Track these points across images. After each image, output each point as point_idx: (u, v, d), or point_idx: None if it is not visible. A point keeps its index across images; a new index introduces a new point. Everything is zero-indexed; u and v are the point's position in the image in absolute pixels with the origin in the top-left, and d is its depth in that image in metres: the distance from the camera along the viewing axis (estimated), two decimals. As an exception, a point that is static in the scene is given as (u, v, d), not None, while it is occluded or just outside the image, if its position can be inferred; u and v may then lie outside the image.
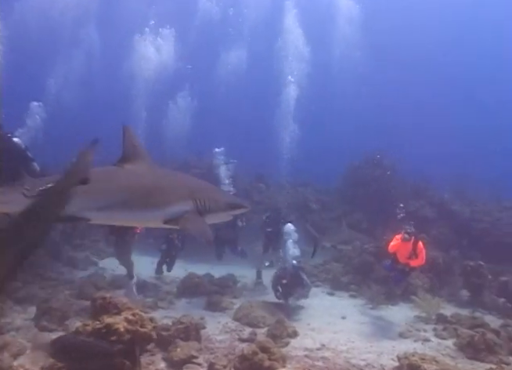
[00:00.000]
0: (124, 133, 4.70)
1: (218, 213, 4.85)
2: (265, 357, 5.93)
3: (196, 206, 4.57)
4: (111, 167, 4.67)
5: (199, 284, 10.67)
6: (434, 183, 19.83)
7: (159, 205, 4.45)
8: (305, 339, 7.89)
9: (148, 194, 4.46)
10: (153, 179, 4.70)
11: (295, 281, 9.75)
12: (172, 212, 4.47)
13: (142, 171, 4.64)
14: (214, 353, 6.92)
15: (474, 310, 10.36)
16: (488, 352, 7.36)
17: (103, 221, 4.91)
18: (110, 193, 4.39)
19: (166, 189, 4.62)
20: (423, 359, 5.97)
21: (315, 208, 17.59)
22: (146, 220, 4.89)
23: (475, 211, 16.65)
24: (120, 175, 4.59)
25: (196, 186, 4.93)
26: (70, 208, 3.87)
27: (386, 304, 10.70)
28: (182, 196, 4.59)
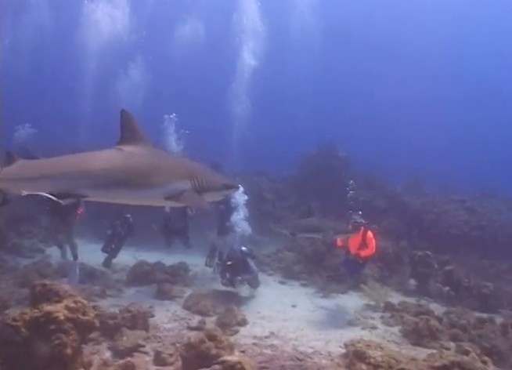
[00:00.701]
0: (122, 117, 4.94)
1: (212, 192, 5.22)
2: (211, 346, 5.85)
3: (193, 185, 4.94)
4: (111, 149, 4.95)
5: (149, 272, 10.48)
6: (388, 175, 20.26)
7: (161, 184, 4.80)
8: (255, 328, 7.88)
9: (150, 173, 4.80)
10: (154, 160, 5.03)
11: (241, 266, 9.69)
12: (172, 190, 4.84)
13: (143, 152, 4.94)
14: (162, 342, 6.80)
15: (420, 298, 10.63)
16: (431, 338, 7.59)
17: (102, 198, 5.01)
18: (110, 172, 4.67)
19: (166, 169, 4.96)
20: (368, 345, 6.05)
21: (269, 197, 17.61)
22: (148, 198, 5.07)
23: (425, 203, 17.13)
24: (121, 157, 4.87)
25: (193, 167, 5.24)
26: (66, 186, 4.46)
27: (336, 293, 10.85)
28: (181, 176, 4.95)
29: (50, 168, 4.82)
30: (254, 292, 10.29)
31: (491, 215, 16.89)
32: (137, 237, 12.50)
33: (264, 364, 6.11)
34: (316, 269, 12.03)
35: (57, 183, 4.55)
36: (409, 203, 16.99)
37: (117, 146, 4.94)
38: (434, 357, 5.76)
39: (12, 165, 4.78)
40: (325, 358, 6.57)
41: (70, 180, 4.56)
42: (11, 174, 4.71)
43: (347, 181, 15.17)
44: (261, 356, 6.43)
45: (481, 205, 17.72)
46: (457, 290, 11.01)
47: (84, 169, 4.66)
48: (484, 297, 10.52)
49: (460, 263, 12.89)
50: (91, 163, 4.78)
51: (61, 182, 4.54)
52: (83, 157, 5.13)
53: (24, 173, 4.68)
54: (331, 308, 9.69)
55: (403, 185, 19.61)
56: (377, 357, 5.70)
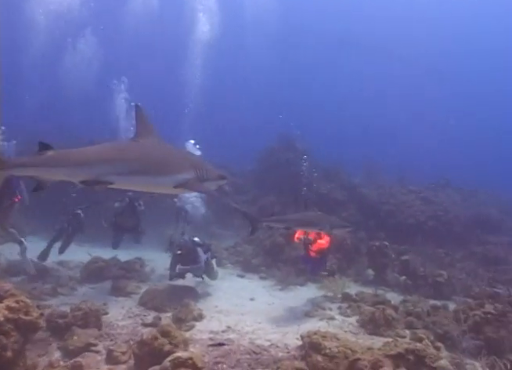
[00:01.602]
0: (137, 113, 5.47)
1: (210, 182, 5.75)
2: (165, 342, 5.69)
3: (196, 175, 5.48)
4: (129, 141, 5.52)
5: (104, 269, 10.21)
6: (348, 167, 20.42)
7: (171, 173, 5.35)
8: (211, 322, 7.77)
9: (162, 163, 5.35)
10: (164, 152, 5.53)
11: (192, 256, 9.45)
12: (180, 179, 5.36)
13: (154, 145, 5.43)
14: (115, 340, 6.60)
15: (378, 288, 10.73)
16: (387, 327, 7.65)
17: (124, 185, 5.54)
18: (131, 161, 5.19)
19: (175, 160, 5.53)
20: (324, 337, 6.02)
21: (227, 190, 17.46)
22: (159, 185, 5.63)
23: (382, 194, 17.36)
24: (138, 148, 5.35)
25: (195, 159, 5.83)
26: (93, 173, 4.87)
27: (295, 285, 10.84)
28: (187, 167, 5.47)
29: (80, 157, 5.09)
30: (210, 286, 10.14)
31: (446, 205, 17.27)
32: (92, 234, 12.19)
33: (219, 358, 6.00)
34: (275, 262, 12.00)
35: (86, 170, 4.92)
36: (366, 194, 17.18)
37: (134, 139, 5.45)
38: (389, 346, 5.79)
39: (44, 154, 4.94)
40: (281, 351, 6.52)
41: (98, 168, 4.94)
42: (43, 162, 4.92)
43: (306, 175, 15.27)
44: (216, 351, 6.32)
45: (436, 196, 18.10)
46: (413, 279, 11.17)
47: (110, 158, 5.12)
48: (439, 285, 10.71)
49: (417, 253, 13.11)
50: (116, 153, 5.30)
51: (90, 170, 4.92)
52: (108, 147, 5.48)
53: (55, 162, 4.91)
54: (289, 300, 9.65)
55: (361, 176, 19.83)
56: (333, 348, 5.68)
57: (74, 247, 12.21)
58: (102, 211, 10.86)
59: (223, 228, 16.09)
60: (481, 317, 7.37)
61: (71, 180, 5.04)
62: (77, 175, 4.98)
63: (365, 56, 46.75)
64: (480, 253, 14.13)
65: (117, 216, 10.43)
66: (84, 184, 4.94)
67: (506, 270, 12.74)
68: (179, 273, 9.41)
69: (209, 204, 16.79)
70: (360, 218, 15.48)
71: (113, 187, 5.15)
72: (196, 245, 9.60)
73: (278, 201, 15.74)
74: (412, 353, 5.50)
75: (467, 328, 7.27)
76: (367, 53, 46.62)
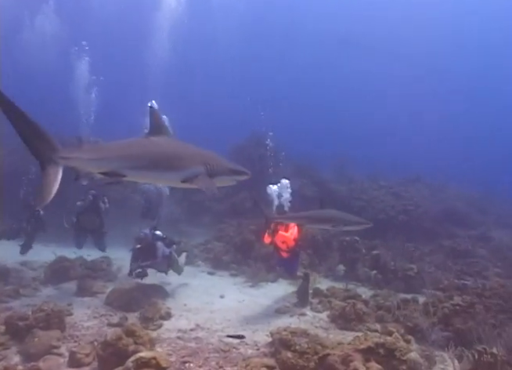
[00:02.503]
0: (150, 113, 5.80)
1: (223, 177, 5.79)
2: (130, 342, 5.52)
3: (206, 170, 5.53)
4: (142, 138, 5.77)
5: (69, 269, 9.91)
6: (317, 163, 20.41)
7: (179, 168, 5.47)
8: (180, 320, 7.61)
9: (170, 159, 5.53)
10: (174, 148, 5.76)
11: (150, 250, 9.07)
12: (188, 174, 5.45)
13: (165, 142, 5.71)
14: (79, 341, 6.39)
15: (349, 283, 10.70)
16: (358, 321, 7.63)
17: (136, 178, 6.14)
18: (142, 156, 5.46)
19: (184, 156, 5.64)
20: (293, 333, 5.95)
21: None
22: (168, 179, 5.99)
23: (353, 189, 17.41)
24: (149, 144, 5.62)
25: (206, 154, 5.83)
26: (111, 166, 5.23)
27: (266, 281, 10.74)
28: (196, 162, 5.56)
29: (107, 150, 5.64)
30: (180, 284, 9.96)
31: (416, 200, 17.43)
32: (59, 233, 11.82)
33: (186, 357, 5.85)
34: (245, 259, 11.87)
35: (110, 163, 5.32)
36: (337, 190, 17.21)
37: (147, 137, 5.74)
38: (359, 340, 5.74)
39: (81, 148, 5.65)
40: (251, 348, 6.41)
41: (118, 162, 5.33)
42: (81, 155, 5.38)
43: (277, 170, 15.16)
44: (184, 349, 6.17)
45: (406, 191, 18.26)
46: (384, 273, 11.21)
47: (127, 153, 5.49)
48: (409, 279, 10.76)
49: (387, 247, 13.14)
50: (132, 149, 5.65)
51: (112, 163, 5.32)
52: (123, 143, 5.81)
53: (90, 155, 5.41)
54: (260, 297, 9.56)
55: (332, 172, 19.85)
56: (303, 344, 5.60)
57: (39, 247, 11.88)
58: (64, 210, 10.42)
59: (193, 226, 15.89)
60: (449, 309, 7.43)
61: (96, 171, 5.50)
62: (101, 167, 5.41)
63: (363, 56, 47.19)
64: (448, 247, 14.26)
65: (79, 216, 9.99)
66: (104, 175, 5.43)
67: (474, 262, 12.91)
68: (139, 269, 8.95)
69: (180, 201, 16.64)
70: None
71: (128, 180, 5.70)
72: (157, 239, 9.27)
73: (248, 198, 15.60)
74: (382, 347, 5.47)
75: (437, 320, 7.29)
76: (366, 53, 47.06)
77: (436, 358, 6.32)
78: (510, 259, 13.50)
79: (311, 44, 47.54)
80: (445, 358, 6.38)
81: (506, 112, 50.86)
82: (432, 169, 24.98)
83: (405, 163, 27.06)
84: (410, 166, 24.76)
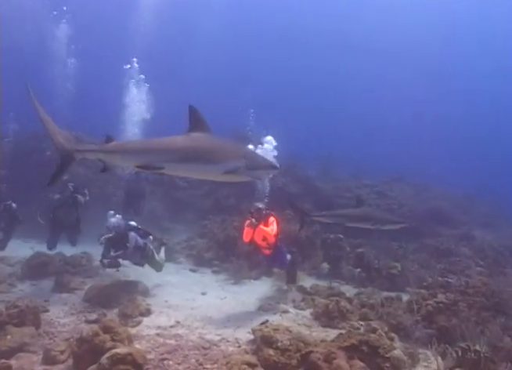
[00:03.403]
0: (190, 111, 6.31)
1: (260, 170, 6.47)
2: (107, 338, 5.33)
3: (245, 163, 6.11)
4: (182, 135, 6.33)
5: (47, 264, 9.64)
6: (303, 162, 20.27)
7: (220, 161, 6.04)
8: (160, 317, 7.43)
9: (211, 152, 6.10)
10: (214, 143, 6.35)
11: (122, 240, 8.62)
12: (229, 167, 6.03)
13: (206, 137, 6.30)
14: (54, 338, 6.18)
15: (332, 281, 10.62)
16: (341, 319, 7.55)
17: (174, 171, 6.71)
18: (183, 151, 6.09)
19: (224, 150, 6.23)
20: (276, 330, 5.80)
21: (182, 185, 17.07)
22: (209, 171, 6.38)
23: (337, 187, 17.35)
24: (188, 140, 6.25)
25: (245, 149, 6.57)
26: (152, 161, 5.92)
27: (248, 279, 10.60)
28: (236, 156, 6.18)
29: (133, 146, 6.47)
30: (161, 281, 9.75)
31: (399, 199, 17.44)
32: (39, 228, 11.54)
33: (165, 355, 5.69)
34: (228, 256, 11.70)
35: (142, 157, 6.01)
36: (322, 188, 17.12)
37: (187, 133, 6.31)
38: (342, 338, 5.65)
39: (110, 143, 6.21)
40: (232, 345, 6.27)
41: (154, 156, 6.02)
42: (110, 150, 6.15)
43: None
44: (163, 346, 6.00)
45: (391, 190, 18.26)
46: (368, 271, 11.16)
47: (162, 148, 6.20)
48: (393, 277, 10.72)
49: (371, 246, 13.10)
50: (168, 144, 6.29)
51: (145, 157, 6.00)
52: (162, 139, 6.41)
53: (119, 149, 6.20)
54: (242, 294, 9.41)
55: (317, 171, 19.75)
56: (285, 341, 5.48)
57: (18, 242, 11.65)
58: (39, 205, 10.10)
59: (176, 222, 15.66)
60: (433, 307, 7.36)
61: (126, 165, 6.55)
62: (132, 161, 6.18)
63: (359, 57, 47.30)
64: (432, 246, 14.24)
65: (56, 210, 9.59)
66: (139, 168, 6.14)
67: (457, 261, 12.91)
68: (111, 260, 8.58)
69: (162, 198, 16.43)
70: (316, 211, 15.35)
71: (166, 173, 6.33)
72: (131, 229, 8.89)
73: (232, 193, 15.43)
74: (365, 344, 5.38)
75: (420, 317, 7.22)
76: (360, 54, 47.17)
77: (419, 356, 6.25)
78: (491, 258, 13.55)
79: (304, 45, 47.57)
80: (429, 356, 6.31)
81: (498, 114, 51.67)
82: (417, 170, 25.09)
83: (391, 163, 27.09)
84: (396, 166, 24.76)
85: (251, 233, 8.32)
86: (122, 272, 10.32)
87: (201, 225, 14.00)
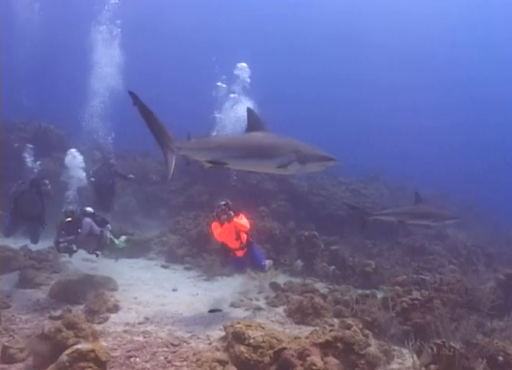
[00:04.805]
0: (248, 113, 6.96)
1: (314, 163, 6.78)
2: (70, 335, 5.08)
3: (298, 157, 6.48)
4: (242, 133, 7.05)
5: (11, 259, 9.23)
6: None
7: (274, 156, 6.52)
8: (128, 314, 7.18)
9: (267, 148, 6.64)
10: (269, 139, 6.82)
11: (76, 225, 8.14)
12: (282, 161, 6.47)
13: (262, 135, 6.82)
14: (15, 335, 5.85)
15: (306, 279, 10.47)
16: (315, 315, 7.43)
17: (236, 166, 7.26)
18: (243, 148, 6.74)
19: (278, 145, 6.67)
20: (248, 326, 5.58)
21: (154, 179, 16.70)
22: (265, 166, 6.99)
23: (313, 185, 17.25)
24: (248, 138, 6.87)
25: (298, 144, 6.73)
26: (218, 156, 6.57)
27: (221, 275, 10.36)
28: (289, 150, 6.53)
29: (208, 144, 7.09)
30: (131, 277, 9.45)
31: (374, 197, 17.46)
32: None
33: (133, 352, 5.44)
34: (201, 252, 11.45)
35: (213, 153, 6.65)
36: (298, 185, 17.00)
37: (247, 132, 6.91)
38: (316, 334, 5.51)
39: (190, 140, 6.86)
40: (202, 342, 6.06)
41: (219, 152, 6.62)
42: (190, 146, 6.81)
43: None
44: (130, 344, 5.75)
45: (365, 188, 18.26)
46: (342, 269, 11.06)
47: (227, 145, 6.85)
48: (367, 275, 10.65)
49: (346, 244, 13.05)
50: (232, 142, 7.08)
51: (215, 153, 6.63)
52: (227, 137, 7.64)
53: (197, 146, 6.87)
54: (214, 291, 9.19)
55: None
56: (257, 338, 5.27)
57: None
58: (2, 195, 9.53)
59: (149, 218, 15.32)
60: (408, 304, 7.30)
61: (202, 160, 6.78)
62: (203, 156, 6.73)
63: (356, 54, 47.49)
64: (405, 244, 14.28)
65: (17, 201, 8.89)
66: (210, 163, 6.66)
67: (431, 259, 12.96)
68: (64, 243, 7.99)
69: (134, 193, 16.06)
70: (290, 208, 15.23)
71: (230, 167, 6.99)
72: (86, 215, 8.48)
73: (206, 190, 15.16)
74: (340, 341, 5.24)
75: (395, 314, 7.12)
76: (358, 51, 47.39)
77: (394, 353, 6.16)
78: (464, 257, 13.63)
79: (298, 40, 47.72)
80: (403, 353, 6.26)
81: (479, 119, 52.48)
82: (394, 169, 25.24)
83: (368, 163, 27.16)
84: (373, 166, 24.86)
85: (226, 230, 7.61)
86: (90, 267, 10.08)
87: (174, 221, 13.68)
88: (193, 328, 6.65)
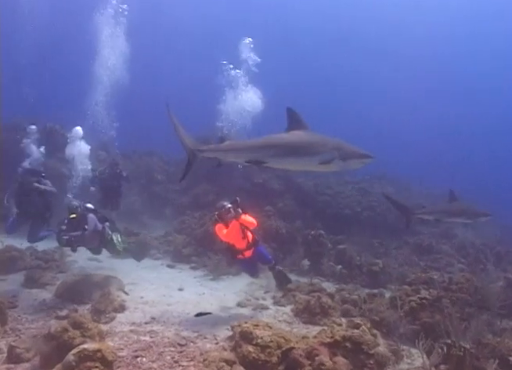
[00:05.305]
0: (289, 111, 7.19)
1: (353, 160, 6.98)
2: (76, 334, 5.03)
3: (340, 154, 6.70)
4: (283, 133, 7.21)
5: (17, 259, 9.26)
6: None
7: (315, 154, 6.74)
8: (135, 313, 7.13)
9: (309, 146, 6.87)
10: (311, 138, 7.05)
11: (80, 221, 7.97)
12: (324, 158, 6.68)
13: (304, 133, 7.09)
14: (21, 335, 5.84)
15: (313, 278, 10.40)
16: (323, 315, 7.33)
17: (276, 165, 7.35)
18: (284, 146, 6.97)
19: (319, 144, 6.89)
20: (256, 325, 5.52)
21: (159, 178, 16.69)
22: (306, 163, 7.10)
23: (319, 184, 17.17)
24: (288, 137, 7.11)
25: (338, 142, 6.97)
26: (258, 156, 6.83)
27: (227, 275, 10.30)
28: (331, 148, 6.75)
29: (247, 144, 7.32)
30: (137, 277, 9.43)
31: (380, 196, 17.32)
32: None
33: (139, 352, 5.38)
34: (206, 251, 11.40)
35: (251, 153, 6.93)
36: (304, 184, 16.94)
37: (287, 131, 7.17)
38: (325, 334, 5.42)
39: (224, 143, 7.17)
40: (209, 342, 5.99)
41: (260, 152, 6.88)
42: (223, 148, 7.12)
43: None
44: (137, 343, 5.70)
45: (371, 187, 18.15)
46: (349, 268, 10.98)
47: (267, 145, 7.02)
48: (375, 274, 10.55)
49: (353, 243, 12.96)
50: (272, 141, 7.18)
51: (254, 153, 6.91)
52: (266, 138, 7.28)
53: (232, 148, 7.15)
54: (221, 290, 9.13)
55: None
56: (265, 337, 5.19)
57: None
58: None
59: (154, 217, 15.32)
60: (416, 303, 7.22)
61: (239, 161, 7.24)
62: (242, 157, 7.06)
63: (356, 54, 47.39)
64: (413, 243, 14.19)
65: (19, 197, 8.65)
66: (248, 163, 6.97)
67: (439, 258, 12.87)
68: (68, 239, 7.76)
69: (141, 193, 16.05)
70: (297, 208, 15.19)
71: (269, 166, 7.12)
72: (88, 211, 8.32)
73: (211, 189, 15.10)
74: (349, 341, 5.17)
75: (403, 314, 7.04)
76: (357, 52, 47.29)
77: (403, 352, 6.08)
78: (472, 256, 13.53)
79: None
80: (412, 353, 6.18)
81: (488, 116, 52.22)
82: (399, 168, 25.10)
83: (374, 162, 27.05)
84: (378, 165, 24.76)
85: (233, 229, 7.27)
86: (96, 267, 10.08)
87: (179, 220, 13.64)
88: (200, 327, 6.58)
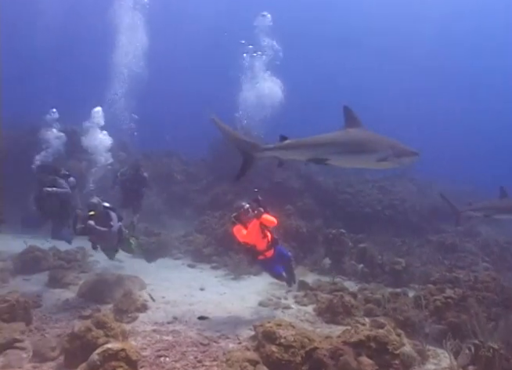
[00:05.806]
0: (345, 110, 7.25)
1: (405, 157, 7.16)
2: (100, 334, 5.04)
3: (394, 152, 6.88)
4: (340, 131, 7.21)
5: (41, 259, 9.35)
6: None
7: (373, 151, 6.87)
8: (157, 313, 7.14)
9: (367, 144, 6.97)
10: (368, 136, 7.15)
11: (102, 219, 7.90)
12: (381, 156, 6.81)
13: (360, 132, 7.16)
14: (46, 334, 5.88)
15: (335, 277, 10.30)
16: (346, 314, 7.25)
17: (337, 162, 7.22)
18: (343, 144, 7.05)
19: (376, 142, 7.04)
20: (279, 325, 5.46)
21: (179, 179, 16.73)
22: (365, 160, 7.24)
23: (339, 182, 17.03)
24: (346, 135, 7.15)
25: (391, 140, 7.16)
26: (318, 154, 6.88)
27: (248, 274, 10.27)
28: (385, 146, 6.94)
29: (304, 143, 7.16)
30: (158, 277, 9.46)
31: (402, 194, 17.14)
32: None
33: (162, 351, 5.39)
34: (227, 251, 11.37)
35: (312, 151, 6.98)
36: (324, 183, 16.83)
37: (345, 129, 7.20)
38: (349, 333, 5.36)
39: (285, 142, 7.05)
40: (232, 342, 5.97)
41: (320, 150, 6.92)
42: (285, 147, 7.05)
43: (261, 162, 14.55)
44: (160, 343, 5.70)
45: (393, 185, 17.94)
46: (371, 267, 10.85)
47: (327, 143, 7.07)
48: (397, 273, 10.41)
49: (374, 242, 12.81)
50: (332, 139, 7.15)
51: (314, 151, 6.94)
52: (326, 136, 7.25)
53: (293, 146, 7.07)
54: (242, 290, 9.11)
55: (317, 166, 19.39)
56: (288, 337, 5.13)
57: (10, 237, 11.39)
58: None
59: (174, 217, 15.36)
60: (441, 302, 7.12)
61: (299, 159, 7.27)
62: (303, 155, 7.09)
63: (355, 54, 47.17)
64: (436, 241, 13.97)
65: (39, 201, 8.67)
66: (310, 161, 7.06)
67: (462, 257, 12.64)
68: (83, 228, 7.78)
69: (161, 193, 16.11)
70: (317, 207, 15.06)
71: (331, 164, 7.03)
72: (108, 209, 8.22)
73: (230, 190, 15.05)
74: (373, 340, 5.10)
75: (428, 313, 6.93)
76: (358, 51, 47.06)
77: (428, 353, 5.96)
78: (497, 254, 13.26)
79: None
80: (438, 353, 6.05)
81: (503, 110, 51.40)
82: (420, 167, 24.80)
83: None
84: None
85: (253, 229, 7.05)
86: (118, 266, 10.13)
87: (200, 220, 13.65)
88: (222, 327, 6.56)
